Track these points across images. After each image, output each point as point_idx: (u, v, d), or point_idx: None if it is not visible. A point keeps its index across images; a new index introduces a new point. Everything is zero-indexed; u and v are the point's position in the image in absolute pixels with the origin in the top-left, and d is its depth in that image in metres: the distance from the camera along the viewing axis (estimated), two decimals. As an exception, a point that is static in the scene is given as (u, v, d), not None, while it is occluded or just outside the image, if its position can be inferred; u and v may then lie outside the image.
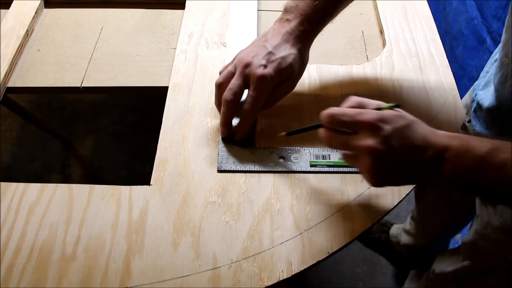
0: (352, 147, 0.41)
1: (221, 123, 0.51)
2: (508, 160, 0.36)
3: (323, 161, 0.52)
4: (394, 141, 0.39)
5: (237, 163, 0.51)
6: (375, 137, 0.39)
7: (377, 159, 0.39)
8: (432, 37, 0.66)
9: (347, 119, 0.41)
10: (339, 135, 0.43)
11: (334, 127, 0.43)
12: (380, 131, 0.39)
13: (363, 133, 0.40)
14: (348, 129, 0.42)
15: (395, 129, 0.40)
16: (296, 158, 0.52)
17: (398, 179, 0.42)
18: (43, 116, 1.45)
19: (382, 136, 0.39)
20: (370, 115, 0.40)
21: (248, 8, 0.70)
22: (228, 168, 0.51)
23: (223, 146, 0.53)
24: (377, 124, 0.39)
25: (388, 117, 0.40)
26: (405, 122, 0.41)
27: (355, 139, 0.41)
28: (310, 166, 0.51)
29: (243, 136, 0.52)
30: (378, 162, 0.40)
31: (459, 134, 0.40)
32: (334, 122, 0.42)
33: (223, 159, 0.52)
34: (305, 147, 0.53)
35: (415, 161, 0.40)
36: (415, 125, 0.41)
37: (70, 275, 0.43)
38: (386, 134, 0.39)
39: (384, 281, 1.17)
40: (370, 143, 0.39)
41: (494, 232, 0.66)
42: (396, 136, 0.39)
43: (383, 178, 0.41)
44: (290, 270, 0.44)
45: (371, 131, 0.40)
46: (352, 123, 0.41)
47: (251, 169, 0.51)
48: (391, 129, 0.39)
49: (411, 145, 0.40)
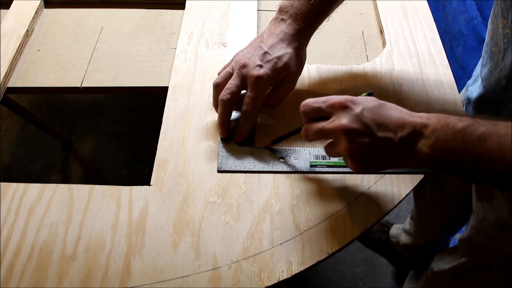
0: (327, 131, 0.42)
1: (219, 123, 0.52)
2: (487, 132, 0.36)
3: (323, 161, 0.52)
4: (366, 119, 0.40)
5: (237, 163, 0.51)
6: (346, 117, 0.40)
7: (352, 137, 0.40)
8: (432, 37, 0.66)
9: (319, 104, 0.43)
10: (314, 123, 0.44)
11: (310, 117, 0.44)
12: (351, 110, 0.41)
13: (335, 116, 0.41)
14: (322, 115, 0.43)
15: (366, 108, 0.41)
16: (296, 158, 0.52)
17: (379, 161, 0.42)
18: (43, 116, 1.45)
19: (353, 115, 0.40)
20: (339, 97, 0.42)
21: (248, 8, 0.70)
22: (228, 168, 0.51)
23: (223, 146, 0.53)
24: (347, 104, 0.41)
25: (358, 99, 0.42)
26: (377, 103, 0.42)
27: (328, 123, 0.42)
28: (310, 166, 0.51)
29: (244, 137, 0.52)
30: (353, 141, 0.40)
31: (436, 114, 0.40)
32: (308, 111, 0.44)
33: (223, 159, 0.52)
34: (305, 147, 0.53)
35: (392, 140, 0.40)
36: (388, 106, 0.42)
37: (70, 275, 0.43)
38: (357, 112, 0.40)
39: (384, 281, 1.17)
40: (343, 122, 0.40)
41: (489, 227, 0.66)
42: (367, 114, 0.40)
43: (363, 160, 0.41)
44: (290, 270, 0.44)
45: (342, 111, 0.41)
46: (324, 107, 0.42)
47: (251, 169, 0.51)
48: (361, 108, 0.41)
49: (385, 123, 0.40)
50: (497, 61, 0.52)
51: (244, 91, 0.51)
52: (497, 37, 0.51)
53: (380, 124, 0.40)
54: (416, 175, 0.51)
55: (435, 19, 0.69)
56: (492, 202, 0.64)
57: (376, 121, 0.40)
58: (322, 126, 0.42)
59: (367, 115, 0.40)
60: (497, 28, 0.51)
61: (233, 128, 0.53)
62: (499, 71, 0.51)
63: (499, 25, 0.50)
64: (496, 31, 0.51)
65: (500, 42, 0.51)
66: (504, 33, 0.49)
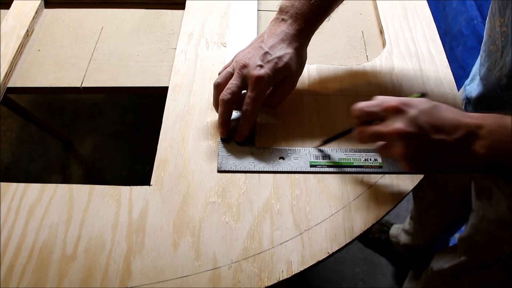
0: (382, 135, 0.42)
1: (219, 123, 0.52)
2: None
3: (323, 161, 0.52)
4: (422, 122, 0.40)
5: (237, 163, 0.51)
6: (402, 120, 0.40)
7: (408, 141, 0.40)
8: (432, 37, 0.66)
9: (373, 108, 0.43)
10: (368, 127, 0.44)
11: (363, 120, 0.45)
12: (406, 113, 0.41)
13: (390, 119, 0.42)
14: (376, 118, 0.43)
15: (421, 110, 0.41)
16: (296, 158, 0.52)
17: (434, 162, 0.42)
18: (43, 116, 1.45)
19: (408, 118, 0.40)
20: (393, 100, 0.42)
21: (248, 8, 0.70)
22: (228, 168, 0.51)
23: (223, 146, 0.53)
24: (402, 108, 0.41)
25: (412, 101, 0.42)
26: (431, 104, 0.42)
27: (384, 126, 0.42)
28: (310, 166, 0.51)
29: (244, 137, 0.52)
30: (409, 144, 0.40)
31: (491, 114, 0.40)
32: (362, 115, 0.44)
33: (223, 159, 0.52)
34: (305, 147, 0.53)
35: (447, 141, 0.40)
36: (442, 107, 0.42)
37: (70, 275, 0.43)
38: (412, 115, 0.40)
39: (384, 281, 1.17)
40: (399, 126, 0.40)
41: (489, 225, 0.66)
42: (422, 117, 0.40)
43: (418, 162, 0.41)
44: (290, 270, 0.44)
45: (397, 115, 0.41)
46: (379, 111, 0.43)
47: (251, 169, 0.51)
48: (416, 111, 0.41)
49: (440, 125, 0.40)
50: (496, 59, 0.52)
51: (244, 91, 0.51)
52: (495, 35, 0.51)
53: (435, 126, 0.40)
54: (416, 175, 0.51)
55: (435, 19, 0.69)
56: (491, 200, 0.64)
57: (431, 123, 0.40)
58: (377, 129, 0.43)
59: (422, 118, 0.40)
60: (494, 27, 0.51)
61: (233, 128, 0.53)
62: (499, 69, 0.52)
63: (497, 23, 0.50)
64: (494, 29, 0.51)
65: (497, 40, 0.51)
66: (501, 31, 0.49)
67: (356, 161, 0.52)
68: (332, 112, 0.57)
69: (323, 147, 0.53)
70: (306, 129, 0.55)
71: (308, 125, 0.55)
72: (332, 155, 0.52)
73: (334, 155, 0.52)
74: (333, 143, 0.52)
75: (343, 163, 0.51)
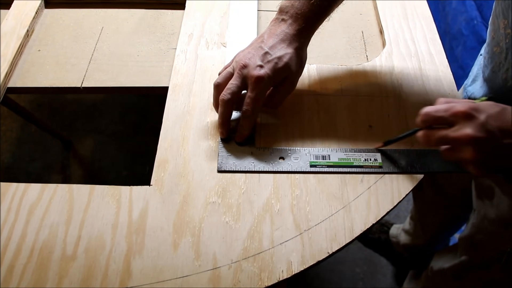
0: (451, 140, 0.42)
1: (219, 123, 0.52)
2: None
3: (323, 161, 0.52)
4: (491, 127, 0.40)
5: (237, 163, 0.51)
6: (472, 126, 0.40)
7: (479, 146, 0.40)
8: (431, 37, 0.66)
9: (441, 113, 0.43)
10: (436, 131, 0.44)
11: (430, 125, 0.44)
12: (476, 119, 0.40)
13: (459, 124, 0.41)
14: (444, 123, 0.43)
15: (490, 115, 0.40)
16: (296, 158, 0.52)
17: (504, 162, 0.42)
18: (43, 116, 1.45)
19: (478, 123, 0.40)
20: (462, 105, 0.41)
21: (248, 8, 0.70)
22: (228, 168, 0.51)
23: (223, 146, 0.53)
24: (471, 113, 0.41)
25: (480, 106, 0.41)
26: (499, 108, 0.41)
27: (452, 131, 0.42)
28: (310, 166, 0.51)
29: (244, 138, 0.52)
30: (480, 150, 0.40)
31: None
32: (429, 120, 0.44)
33: (223, 159, 0.52)
34: (305, 147, 0.53)
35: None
36: (510, 110, 0.41)
37: (71, 275, 0.43)
38: (482, 121, 0.40)
39: (384, 281, 1.17)
40: (469, 132, 0.40)
41: (490, 224, 0.66)
42: (492, 122, 0.40)
43: (488, 164, 0.42)
44: (290, 270, 0.44)
45: (467, 120, 0.41)
46: (447, 116, 0.42)
47: (251, 169, 0.51)
48: (485, 116, 0.40)
49: (510, 129, 0.40)
50: (500, 61, 0.52)
51: (244, 92, 0.51)
52: (499, 37, 0.51)
53: (504, 130, 0.40)
54: (416, 175, 0.51)
55: (435, 19, 0.69)
56: (493, 200, 0.64)
57: (500, 128, 0.40)
58: (446, 134, 0.43)
59: (492, 123, 0.40)
60: (498, 29, 0.51)
61: (233, 128, 0.53)
62: (505, 71, 0.52)
63: (500, 25, 0.50)
64: (498, 31, 0.51)
65: (502, 42, 0.51)
66: (505, 33, 0.49)
67: (356, 161, 0.52)
68: (332, 112, 0.57)
69: (385, 147, 0.52)
70: (306, 129, 0.55)
71: (308, 125, 0.55)
72: (332, 155, 0.52)
73: (334, 155, 0.52)
74: (335, 144, 0.52)
75: (343, 163, 0.51)
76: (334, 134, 0.55)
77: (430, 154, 0.53)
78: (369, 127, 0.55)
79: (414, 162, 0.52)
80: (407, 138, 0.51)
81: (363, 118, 0.56)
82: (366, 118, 0.56)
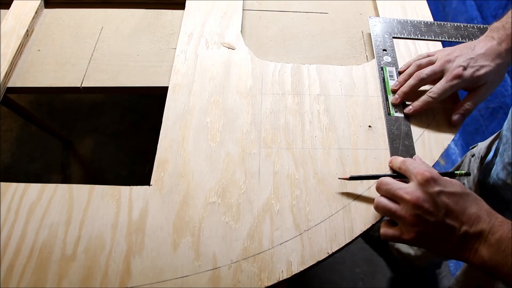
0: (398, 195, 0.43)
1: (402, 92, 0.56)
2: None
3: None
4: (440, 202, 0.40)
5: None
6: (422, 192, 0.41)
7: (419, 213, 0.40)
8: (432, 37, 0.66)
9: (405, 166, 0.45)
10: (389, 181, 0.44)
11: (398, 175, 0.48)
12: (430, 188, 0.41)
13: (414, 184, 0.42)
14: (404, 174, 0.46)
15: (444, 192, 0.41)
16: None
17: (433, 244, 0.42)
18: (43, 116, 1.45)
19: (429, 193, 0.41)
20: (427, 170, 0.42)
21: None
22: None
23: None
24: (429, 180, 0.41)
25: (442, 180, 0.42)
26: (459, 190, 0.41)
27: (404, 189, 0.42)
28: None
29: (414, 113, 0.56)
30: (418, 216, 0.40)
31: (509, 221, 0.40)
32: (392, 167, 0.50)
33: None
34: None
35: (455, 230, 0.40)
36: (470, 198, 0.41)
37: (70, 275, 0.43)
38: (434, 192, 0.41)
39: (384, 281, 1.17)
40: (417, 196, 0.41)
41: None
42: (443, 198, 0.41)
43: (420, 235, 0.41)
44: (290, 271, 0.44)
45: (421, 185, 0.41)
46: (409, 170, 0.44)
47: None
48: (439, 189, 0.41)
49: (457, 213, 0.40)
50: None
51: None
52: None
53: (451, 211, 0.40)
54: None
55: (435, 19, 0.69)
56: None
57: (449, 207, 0.40)
58: (397, 188, 0.43)
59: (443, 199, 0.41)
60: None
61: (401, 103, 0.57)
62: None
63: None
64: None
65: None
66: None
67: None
68: (332, 112, 0.57)
69: (348, 181, 0.51)
70: (306, 129, 0.55)
71: (308, 125, 0.55)
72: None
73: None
74: (335, 143, 0.52)
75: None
76: (334, 134, 0.54)
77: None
78: (369, 127, 0.55)
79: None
80: (372, 179, 0.50)
81: (363, 118, 0.56)
82: (366, 118, 0.56)
